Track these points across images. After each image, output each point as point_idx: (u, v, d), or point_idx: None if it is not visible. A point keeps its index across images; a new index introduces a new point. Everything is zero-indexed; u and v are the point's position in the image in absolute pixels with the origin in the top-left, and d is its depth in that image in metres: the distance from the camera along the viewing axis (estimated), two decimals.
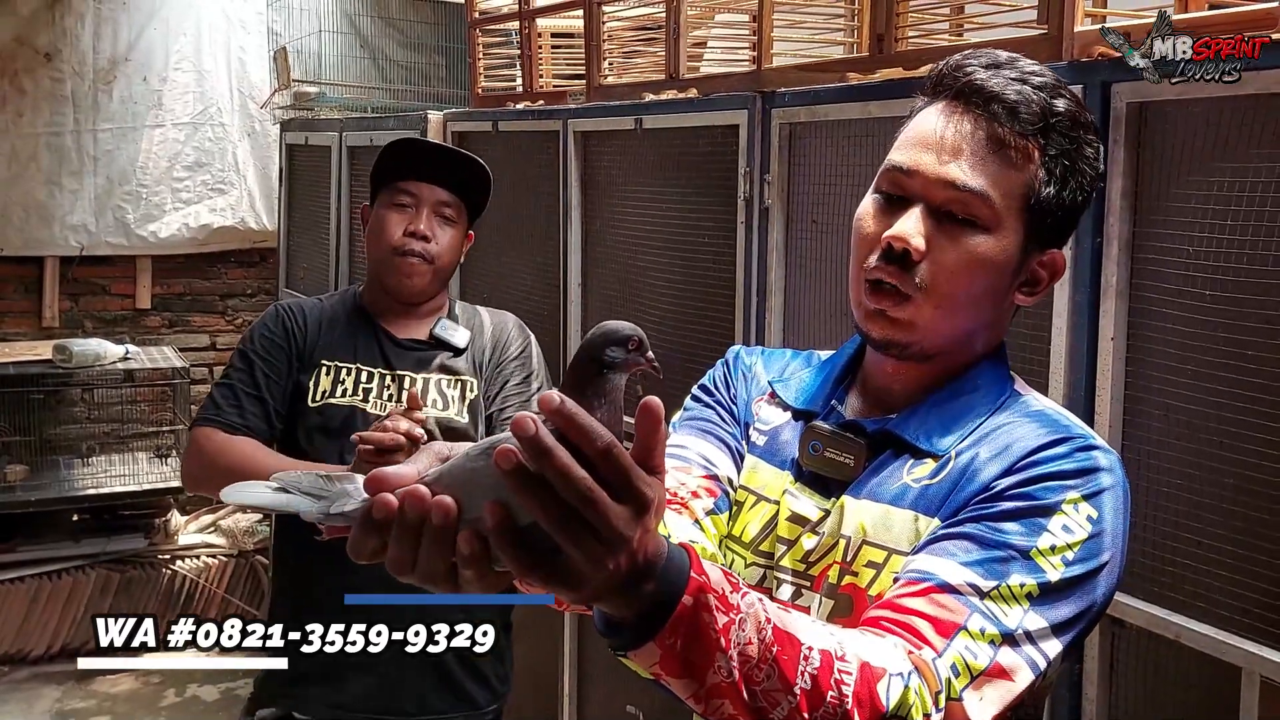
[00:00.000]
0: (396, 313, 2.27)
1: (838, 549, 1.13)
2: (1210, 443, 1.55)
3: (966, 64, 1.14)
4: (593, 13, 2.78)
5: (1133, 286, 1.62)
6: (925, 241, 1.10)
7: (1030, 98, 1.10)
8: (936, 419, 1.15)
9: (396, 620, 2.12)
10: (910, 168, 1.13)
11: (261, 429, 2.18)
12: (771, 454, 1.23)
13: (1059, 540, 1.02)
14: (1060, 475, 1.05)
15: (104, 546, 4.95)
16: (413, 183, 2.24)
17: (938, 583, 1.00)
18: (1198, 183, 1.54)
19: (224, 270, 5.60)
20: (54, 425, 5.25)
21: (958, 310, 1.13)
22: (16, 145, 5.06)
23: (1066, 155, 1.12)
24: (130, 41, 5.18)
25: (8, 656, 4.79)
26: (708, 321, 2.50)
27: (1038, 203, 1.12)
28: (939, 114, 1.13)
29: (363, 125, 4.03)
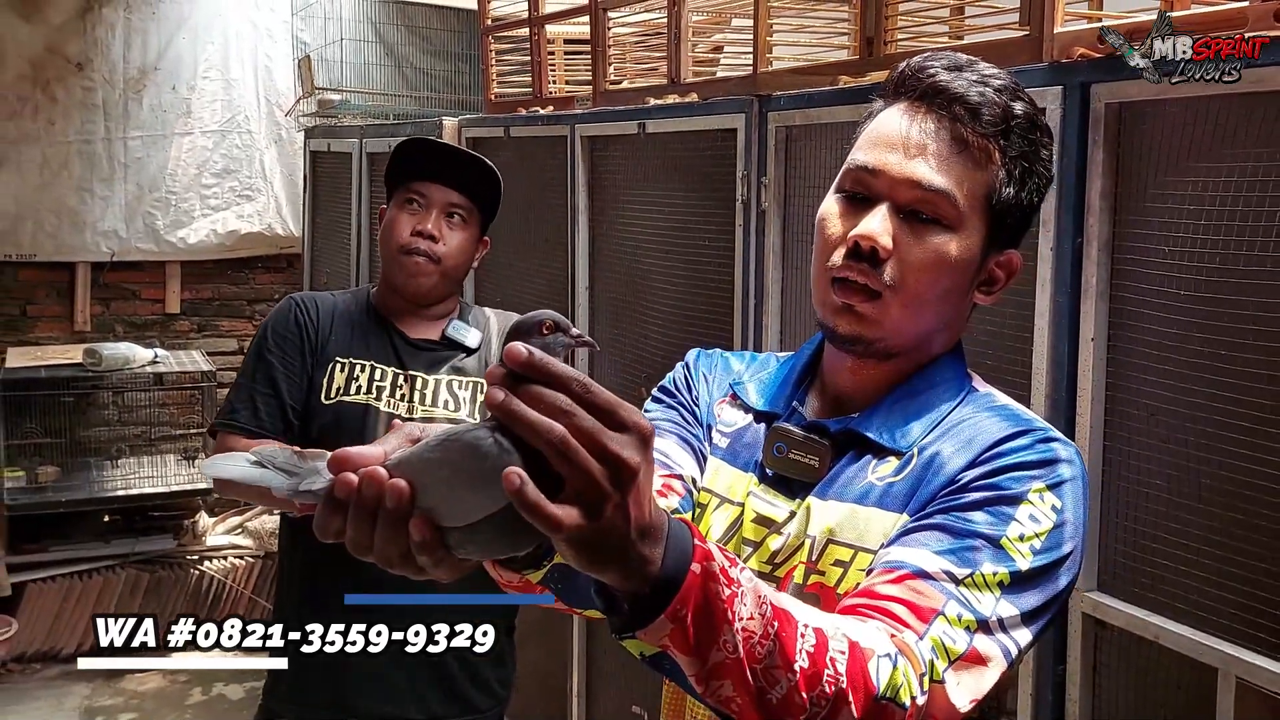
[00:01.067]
0: (408, 313, 2.28)
1: (803, 549, 1.13)
2: (1190, 443, 1.55)
3: (929, 66, 1.15)
4: (598, 19, 2.80)
5: (1113, 287, 1.62)
6: (892, 240, 1.11)
7: (992, 99, 1.12)
8: (899, 415, 1.16)
9: (397, 621, 2.15)
10: (875, 167, 1.14)
11: (279, 429, 2.19)
12: (734, 456, 1.24)
13: (1026, 530, 1.03)
14: (1025, 466, 1.06)
15: (133, 547, 5.03)
16: (423, 183, 2.24)
17: (913, 569, 1.00)
18: (1176, 183, 1.54)
19: (251, 275, 5.66)
20: (85, 427, 5.32)
21: (923, 308, 1.14)
22: (48, 153, 5.14)
23: (1025, 157, 1.14)
24: (160, 51, 5.26)
25: (39, 654, 4.86)
26: (708, 323, 2.51)
27: (999, 203, 1.13)
28: (902, 114, 1.15)
29: (382, 132, 4.07)
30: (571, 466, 0.74)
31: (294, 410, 2.20)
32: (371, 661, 2.14)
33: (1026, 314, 1.71)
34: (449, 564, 0.81)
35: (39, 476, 4.99)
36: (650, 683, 2.62)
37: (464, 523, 0.80)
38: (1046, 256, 1.67)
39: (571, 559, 0.79)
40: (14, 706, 4.54)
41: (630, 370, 2.85)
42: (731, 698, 0.87)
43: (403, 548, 0.80)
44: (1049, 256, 1.67)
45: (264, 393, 2.19)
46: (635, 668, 2.88)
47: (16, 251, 5.16)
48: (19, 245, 5.16)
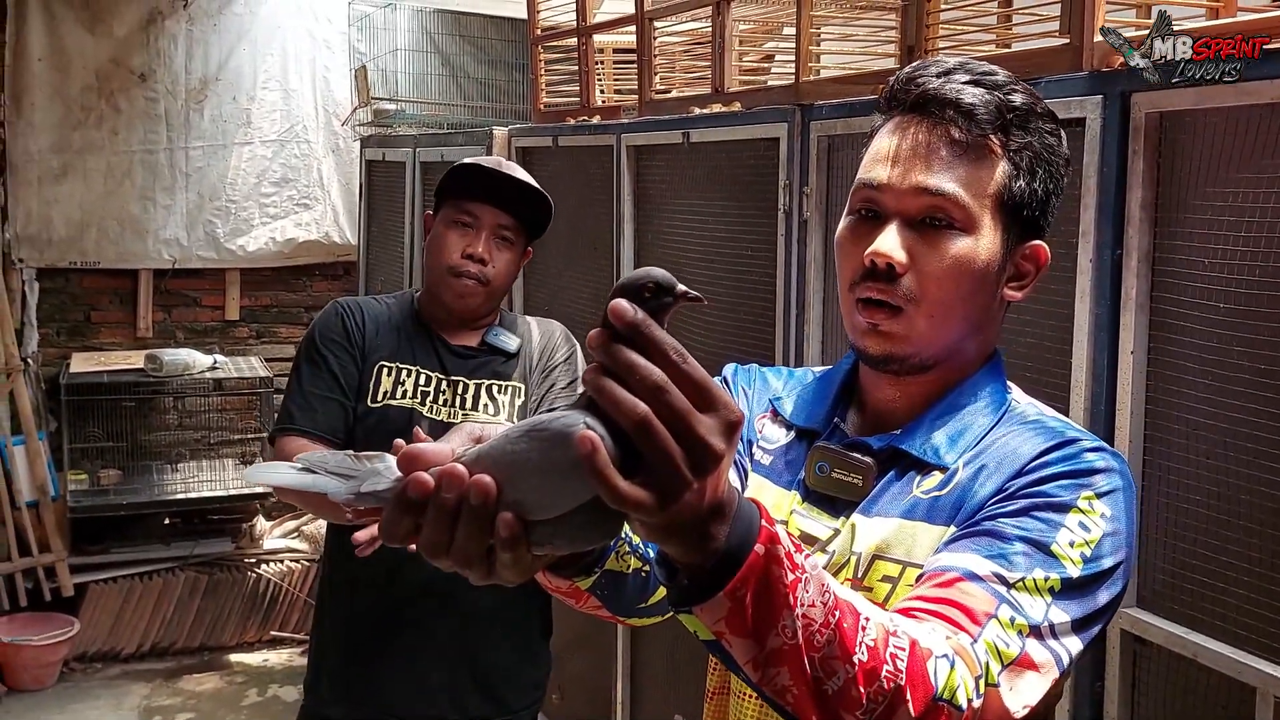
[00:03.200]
0: (451, 322, 2.30)
1: (849, 565, 1.12)
2: (1230, 458, 1.52)
3: (917, 75, 1.15)
4: (644, 29, 2.81)
5: (1153, 299, 1.59)
6: (907, 253, 1.10)
7: (984, 97, 1.11)
8: (941, 432, 1.14)
9: (437, 628, 2.17)
10: (879, 183, 1.13)
11: (339, 429, 2.20)
12: (777, 474, 1.22)
13: (1076, 537, 1.02)
14: (1073, 474, 1.05)
15: (192, 549, 5.12)
16: (475, 203, 2.24)
17: (964, 572, 0.99)
18: (1216, 193, 1.51)
19: (309, 283, 5.72)
20: (146, 432, 5.41)
21: (949, 315, 1.12)
22: (112, 162, 5.24)
23: (1029, 147, 1.13)
24: (220, 62, 5.34)
25: (100, 654, 4.95)
26: (751, 332, 2.51)
27: (1010, 197, 1.12)
28: (898, 128, 1.14)
29: (434, 141, 4.12)
30: (653, 448, 0.73)
31: (353, 410, 2.21)
32: (411, 663, 2.18)
33: (1065, 326, 1.69)
34: (525, 562, 0.80)
35: (101, 479, 5.09)
36: (693, 693, 2.62)
37: (554, 514, 0.78)
38: (1086, 268, 1.65)
39: (637, 529, 0.78)
40: (75, 705, 4.63)
41: None
42: (788, 687, 0.85)
43: (484, 546, 0.79)
44: (1088, 268, 1.64)
45: (321, 395, 2.21)
46: (678, 677, 2.88)
47: (81, 259, 5.25)
48: (84, 253, 5.25)
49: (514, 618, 2.26)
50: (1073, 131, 1.67)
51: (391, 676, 2.21)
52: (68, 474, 5.02)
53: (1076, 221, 1.67)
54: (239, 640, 5.17)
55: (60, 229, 5.18)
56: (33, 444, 4.83)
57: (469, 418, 2.22)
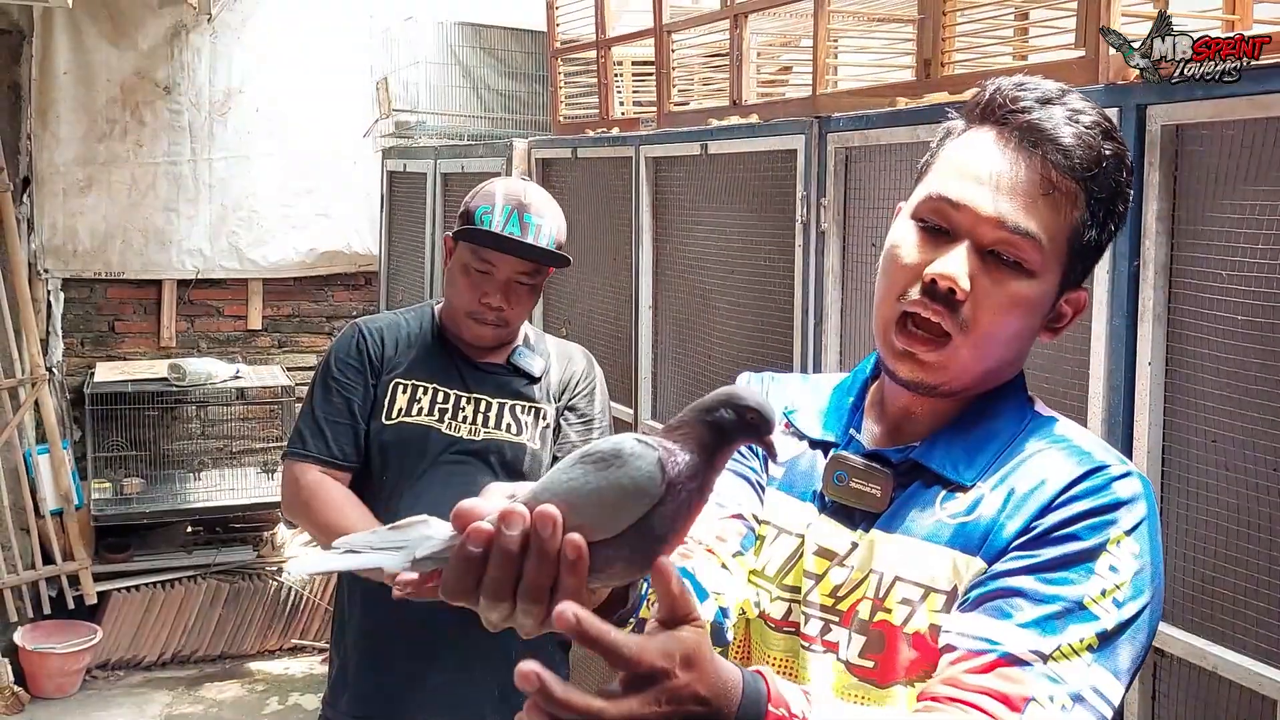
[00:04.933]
0: (477, 351, 2.30)
1: (867, 584, 1.10)
2: (1249, 470, 1.51)
3: (1021, 96, 1.09)
4: (662, 41, 2.83)
5: (1170, 311, 1.59)
6: (970, 281, 1.07)
7: (1084, 140, 1.07)
8: (961, 445, 1.12)
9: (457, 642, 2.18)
10: (960, 201, 1.08)
11: (350, 454, 2.22)
12: (790, 486, 1.20)
13: (1108, 583, 1.00)
14: (1100, 511, 1.02)
15: (214, 557, 5.15)
16: (493, 254, 2.19)
17: (1001, 655, 0.97)
18: (1233, 205, 1.51)
19: (330, 293, 5.76)
20: (168, 441, 5.46)
21: (991, 350, 1.10)
22: (136, 174, 5.29)
23: (1110, 200, 1.09)
24: (244, 74, 5.39)
25: (122, 661, 4.99)
26: (769, 342, 2.52)
27: (1080, 246, 1.09)
28: (990, 147, 1.09)
29: (455, 153, 4.14)
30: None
31: (365, 431, 2.23)
32: (431, 677, 2.19)
33: (1083, 338, 1.69)
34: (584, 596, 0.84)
35: (124, 488, 5.13)
36: None
37: (616, 531, 0.82)
38: (1103, 280, 1.65)
39: None
40: (98, 713, 4.65)
41: (692, 389, 2.86)
42: None
43: (550, 578, 0.82)
44: (1105, 280, 1.65)
45: (334, 421, 2.23)
46: None
47: (106, 269, 5.32)
48: (108, 263, 5.31)
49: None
50: None
51: (412, 691, 2.21)
52: (91, 483, 5.06)
53: None
54: (260, 648, 5.19)
55: (85, 240, 5.24)
56: (57, 453, 4.87)
57: (491, 435, 2.23)
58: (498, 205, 2.20)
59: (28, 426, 4.89)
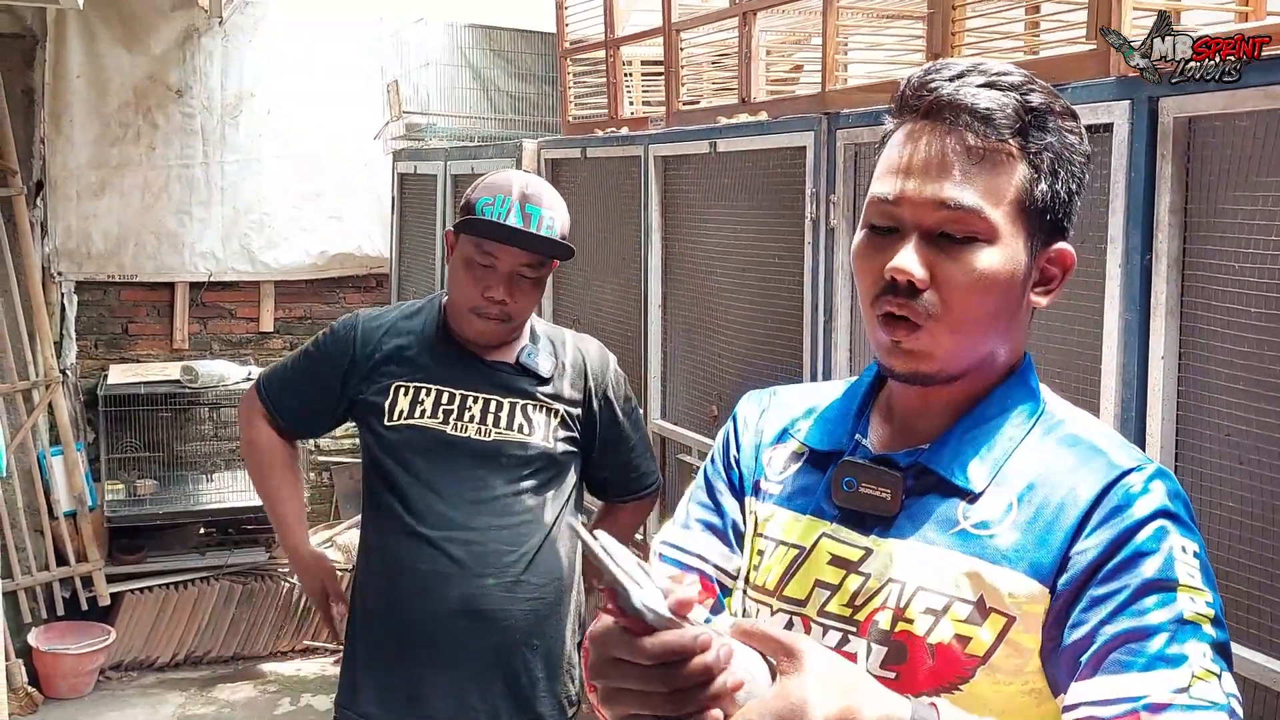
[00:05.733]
0: (482, 347, 2.29)
1: (886, 593, 1.09)
2: (1263, 463, 1.50)
3: (929, 80, 1.10)
4: (671, 40, 2.83)
5: (1183, 304, 1.58)
6: (927, 268, 1.07)
7: (1000, 100, 1.07)
8: (971, 446, 1.11)
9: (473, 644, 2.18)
10: (895, 196, 1.09)
11: (301, 430, 2.47)
12: (789, 500, 1.20)
13: (1192, 584, 1.00)
14: (1147, 522, 1.02)
15: (227, 559, 5.17)
16: (495, 245, 2.18)
17: (1145, 707, 0.96)
18: (1246, 197, 1.50)
19: (342, 295, 5.77)
20: (181, 442, 5.49)
21: (975, 329, 1.09)
22: (149, 177, 5.32)
23: (1049, 148, 1.09)
24: (255, 78, 5.42)
25: (135, 663, 5.01)
26: (779, 340, 2.51)
27: (1032, 202, 1.08)
28: (912, 136, 1.09)
29: (465, 154, 4.15)
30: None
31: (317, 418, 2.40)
32: (447, 679, 2.18)
33: (1095, 332, 1.68)
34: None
35: (138, 489, 5.16)
36: None
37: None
38: (1115, 274, 1.64)
39: None
40: (111, 713, 4.67)
41: (702, 387, 2.86)
42: None
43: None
44: (1118, 274, 1.64)
45: (296, 397, 2.38)
46: None
47: (119, 272, 5.35)
48: (121, 266, 5.34)
49: (548, 633, 2.26)
50: (1101, 137, 1.67)
51: (428, 692, 2.21)
52: (105, 484, 5.09)
53: (1105, 227, 1.66)
54: (272, 650, 5.21)
55: (98, 243, 5.28)
56: (70, 455, 4.90)
57: (502, 436, 2.23)
58: (499, 196, 2.19)
59: (41, 429, 4.91)
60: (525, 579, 2.21)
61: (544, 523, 2.24)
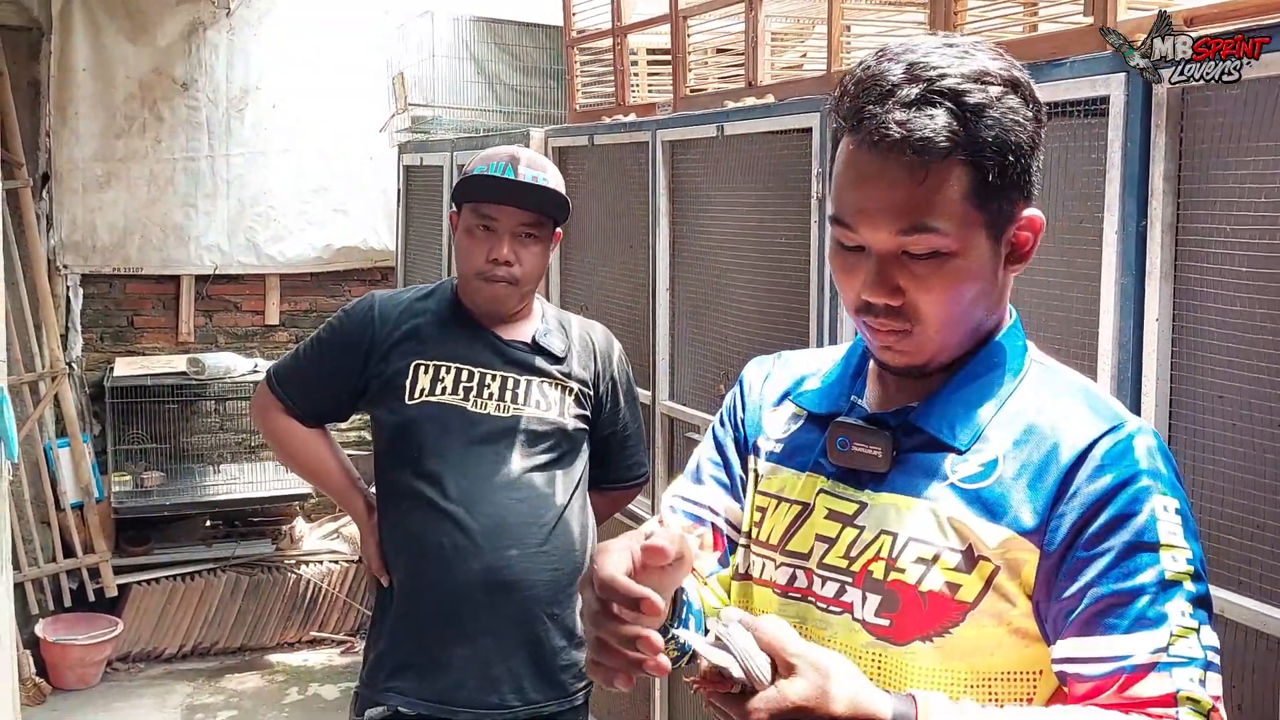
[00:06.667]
0: (495, 318, 2.34)
1: (878, 544, 1.14)
2: (1255, 419, 1.56)
3: (863, 104, 1.09)
4: (678, 26, 2.88)
5: (1177, 268, 1.64)
6: (899, 285, 1.10)
7: (934, 122, 1.05)
8: (959, 404, 1.16)
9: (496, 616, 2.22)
10: (850, 222, 1.11)
11: (319, 416, 2.40)
12: (789, 457, 1.25)
13: (1172, 542, 1.05)
14: (1130, 482, 1.07)
15: (233, 550, 5.20)
16: (493, 205, 2.25)
17: (1130, 670, 1.03)
18: (1236, 163, 1.56)
19: (347, 288, 5.80)
20: (188, 434, 5.51)
21: (957, 323, 1.13)
22: (155, 170, 5.35)
23: (994, 139, 1.08)
24: (261, 70, 5.44)
25: (143, 654, 5.04)
26: (785, 320, 2.56)
27: (986, 195, 1.09)
28: (856, 162, 1.10)
29: (471, 145, 4.18)
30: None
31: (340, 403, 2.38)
32: (472, 650, 2.23)
33: (1092, 297, 1.74)
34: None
35: (144, 481, 5.18)
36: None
37: None
38: (1111, 240, 1.70)
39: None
40: (119, 704, 4.70)
41: (710, 367, 2.91)
42: None
43: None
44: (1114, 240, 1.70)
45: (314, 380, 2.37)
46: None
47: (125, 265, 5.37)
48: (127, 259, 5.36)
49: (566, 604, 2.31)
50: (1097, 109, 1.73)
51: (452, 664, 2.24)
52: (111, 476, 5.11)
53: (1102, 195, 1.72)
54: (279, 641, 5.23)
55: (104, 236, 5.30)
56: (77, 446, 4.93)
57: (521, 411, 2.28)
58: (492, 163, 2.28)
59: (48, 420, 4.94)
60: (545, 550, 2.25)
61: (562, 497, 2.29)
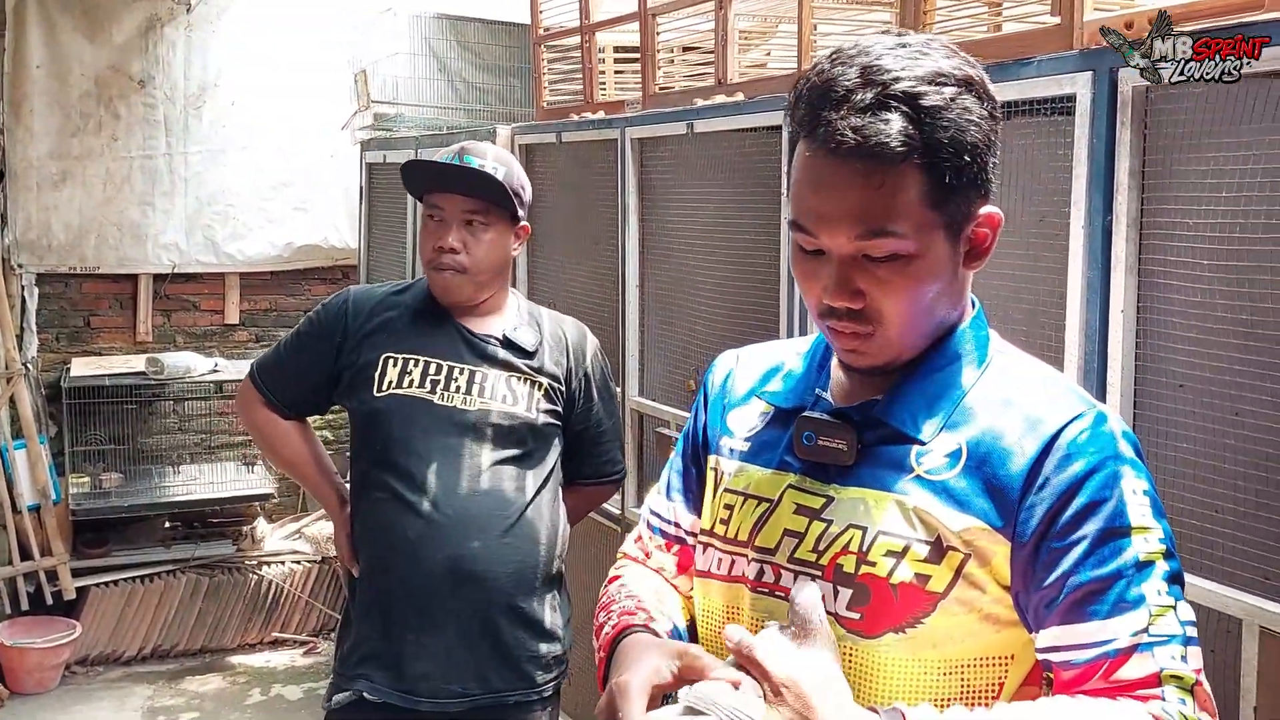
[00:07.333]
0: (465, 310, 2.36)
1: (847, 537, 1.15)
2: (1215, 405, 1.62)
3: (820, 109, 1.10)
4: (647, 24, 2.91)
5: (1141, 261, 1.70)
6: (859, 289, 1.12)
7: (888, 127, 1.07)
8: (921, 397, 1.17)
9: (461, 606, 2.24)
10: (810, 227, 1.12)
11: (300, 410, 2.45)
12: (756, 454, 1.27)
13: (1144, 523, 1.08)
14: (1098, 468, 1.09)
15: (193, 552, 5.14)
16: (440, 194, 2.29)
17: (1113, 654, 1.05)
18: (1198, 159, 1.62)
19: (308, 287, 5.76)
20: (146, 435, 5.45)
21: (917, 322, 1.15)
22: (111, 168, 5.28)
23: (949, 140, 1.09)
24: (219, 68, 5.39)
25: (102, 657, 4.98)
26: (754, 316, 2.59)
27: (942, 196, 1.10)
28: (813, 166, 1.11)
29: (436, 143, 4.18)
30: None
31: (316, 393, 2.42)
32: (436, 639, 2.25)
33: (1060, 290, 1.79)
34: None
35: (102, 482, 5.11)
36: None
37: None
38: (1078, 234, 1.75)
39: None
40: (79, 707, 4.65)
41: (679, 363, 2.94)
42: None
43: None
44: (1080, 234, 1.75)
45: (295, 373, 2.41)
46: None
47: (81, 264, 5.29)
48: (84, 258, 5.29)
49: (531, 596, 2.33)
50: (1063, 107, 1.78)
51: (418, 654, 2.27)
52: (69, 477, 5.04)
53: (1069, 191, 1.77)
54: (241, 642, 5.19)
55: (60, 234, 5.22)
56: (34, 448, 4.86)
57: (487, 405, 2.30)
58: (443, 155, 2.33)
59: (4, 422, 4.86)
60: (508, 542, 2.27)
61: (527, 490, 2.31)
